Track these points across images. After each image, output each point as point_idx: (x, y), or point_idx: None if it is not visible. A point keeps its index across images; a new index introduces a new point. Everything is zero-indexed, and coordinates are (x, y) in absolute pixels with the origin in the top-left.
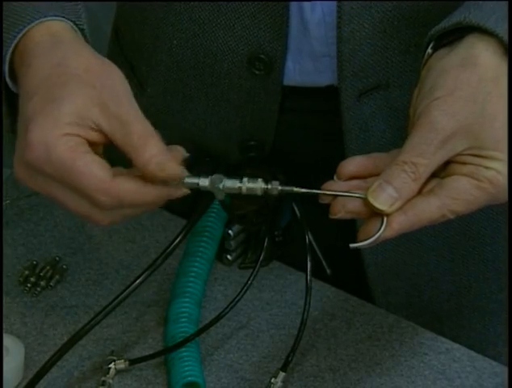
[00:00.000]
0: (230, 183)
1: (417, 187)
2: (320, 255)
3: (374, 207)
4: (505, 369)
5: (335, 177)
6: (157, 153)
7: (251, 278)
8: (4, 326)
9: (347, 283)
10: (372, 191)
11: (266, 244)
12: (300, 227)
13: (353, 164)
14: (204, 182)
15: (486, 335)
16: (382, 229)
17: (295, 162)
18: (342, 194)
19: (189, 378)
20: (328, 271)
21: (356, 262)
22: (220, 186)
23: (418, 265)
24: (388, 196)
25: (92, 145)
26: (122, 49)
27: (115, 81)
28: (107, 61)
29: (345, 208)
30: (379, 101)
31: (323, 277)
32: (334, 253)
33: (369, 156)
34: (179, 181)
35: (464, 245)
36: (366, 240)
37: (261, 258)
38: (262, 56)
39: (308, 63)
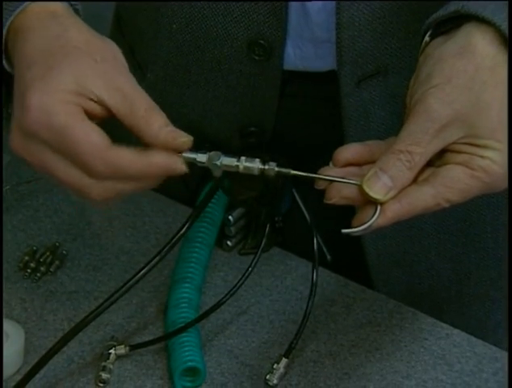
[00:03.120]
0: (227, 161)
1: (412, 175)
2: (320, 242)
3: (368, 195)
4: (505, 354)
5: (331, 163)
6: (166, 123)
7: (252, 265)
8: (4, 312)
9: (347, 271)
10: (367, 180)
11: (267, 230)
12: (301, 214)
13: (349, 151)
14: (202, 158)
15: (486, 323)
16: (375, 216)
17: (295, 147)
18: (338, 180)
19: (189, 364)
20: (328, 257)
21: (356, 249)
22: (218, 162)
23: (418, 253)
24: (383, 184)
25: (91, 117)
26: (123, 34)
27: (115, 55)
28: (106, 38)
29: (340, 193)
30: (378, 87)
31: (323, 263)
32: (335, 240)
33: (365, 143)
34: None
35: (465, 232)
36: (359, 227)
37: (262, 244)
38: (262, 41)
39: (308, 49)
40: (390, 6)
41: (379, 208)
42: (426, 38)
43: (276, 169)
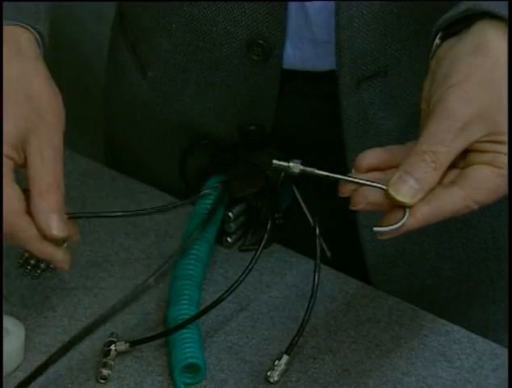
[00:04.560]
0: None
1: (438, 176)
2: (321, 239)
3: (395, 199)
4: (505, 351)
5: (353, 170)
6: (55, 207)
7: (253, 261)
8: (4, 308)
9: (347, 268)
10: (393, 184)
11: (268, 226)
12: (301, 211)
13: (371, 156)
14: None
15: (486, 323)
16: (405, 218)
17: (294, 146)
18: (364, 183)
19: (189, 360)
20: (328, 254)
21: (356, 247)
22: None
23: (418, 253)
24: (410, 187)
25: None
26: (125, 33)
27: (55, 115)
28: (57, 90)
29: (366, 199)
30: (378, 88)
31: (323, 260)
32: (334, 237)
33: (385, 148)
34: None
35: (464, 232)
36: (389, 226)
37: (263, 242)
38: (261, 41)
39: (308, 49)
40: (390, 6)
41: (407, 210)
42: (437, 40)
43: (301, 167)
